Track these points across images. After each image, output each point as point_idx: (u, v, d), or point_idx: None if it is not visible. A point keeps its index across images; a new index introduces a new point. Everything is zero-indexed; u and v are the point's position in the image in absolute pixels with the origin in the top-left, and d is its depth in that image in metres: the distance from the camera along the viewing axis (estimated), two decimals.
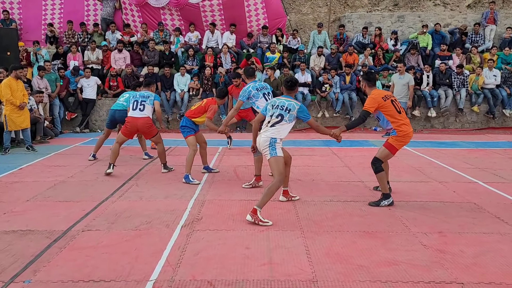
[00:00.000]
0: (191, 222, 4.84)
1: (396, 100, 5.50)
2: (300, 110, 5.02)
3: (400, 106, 5.50)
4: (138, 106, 6.99)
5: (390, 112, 5.39)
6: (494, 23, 14.36)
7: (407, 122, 5.45)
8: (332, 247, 4.21)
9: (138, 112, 6.96)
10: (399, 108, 5.44)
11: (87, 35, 13.76)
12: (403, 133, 5.39)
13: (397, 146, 5.47)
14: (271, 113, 5.04)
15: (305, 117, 5.06)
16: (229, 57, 13.18)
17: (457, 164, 7.89)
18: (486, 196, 5.94)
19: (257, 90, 6.36)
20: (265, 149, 4.95)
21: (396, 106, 5.41)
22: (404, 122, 5.41)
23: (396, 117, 5.40)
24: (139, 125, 6.99)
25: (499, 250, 4.14)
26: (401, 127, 5.39)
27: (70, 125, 12.19)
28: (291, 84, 5.20)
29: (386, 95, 5.46)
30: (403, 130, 5.38)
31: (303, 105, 5.12)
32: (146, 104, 7.02)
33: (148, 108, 7.02)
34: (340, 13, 15.83)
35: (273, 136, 4.93)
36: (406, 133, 5.39)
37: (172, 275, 3.60)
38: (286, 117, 4.96)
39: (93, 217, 5.01)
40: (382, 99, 5.37)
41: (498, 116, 12.74)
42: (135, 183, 6.54)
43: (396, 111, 5.40)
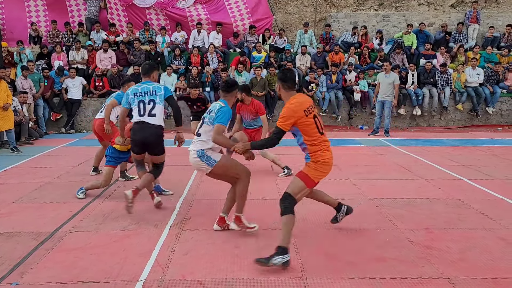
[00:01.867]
0: (179, 222, 4.83)
1: (319, 116, 4.13)
2: (218, 111, 4.29)
3: (323, 125, 4.10)
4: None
5: (308, 131, 3.93)
6: (477, 23, 14.61)
7: (327, 146, 4.03)
8: (320, 244, 4.25)
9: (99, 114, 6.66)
10: (321, 128, 4.03)
11: (71, 35, 13.61)
12: (322, 158, 3.95)
13: (315, 177, 4.01)
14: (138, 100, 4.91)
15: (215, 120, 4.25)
16: (216, 56, 13.17)
17: (442, 161, 8.01)
18: (470, 192, 6.05)
19: (134, 95, 5.10)
20: (198, 165, 4.36)
21: (319, 124, 3.99)
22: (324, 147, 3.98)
23: (315, 137, 3.95)
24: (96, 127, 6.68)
25: (484, 245, 4.22)
26: (318, 153, 3.95)
27: (55, 126, 12.05)
28: (227, 86, 4.52)
29: (309, 106, 3.96)
30: (322, 156, 3.95)
31: (226, 109, 4.33)
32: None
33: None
34: (326, 12, 15.92)
35: (199, 148, 4.34)
36: (325, 159, 3.97)
37: (162, 275, 3.59)
38: (206, 119, 4.37)
39: (80, 218, 4.97)
40: (304, 113, 3.90)
41: (482, 114, 12.96)
42: (123, 184, 6.50)
43: (317, 130, 3.97)
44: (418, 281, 3.53)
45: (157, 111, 5.05)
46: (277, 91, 4.99)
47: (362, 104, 12.83)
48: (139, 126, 5.06)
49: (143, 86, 5.14)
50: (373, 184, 6.45)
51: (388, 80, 10.89)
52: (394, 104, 11.20)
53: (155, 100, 5.05)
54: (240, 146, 4.10)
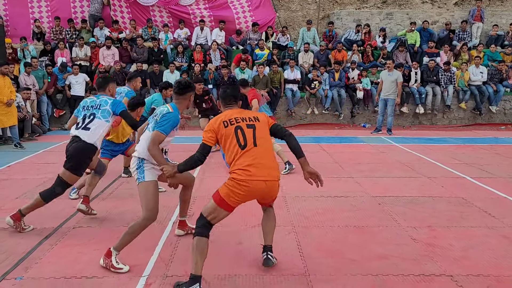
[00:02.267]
0: None
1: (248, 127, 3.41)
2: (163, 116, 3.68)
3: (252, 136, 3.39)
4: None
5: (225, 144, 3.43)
6: (480, 21, 14.56)
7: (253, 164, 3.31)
8: (323, 241, 4.26)
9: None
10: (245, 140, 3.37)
11: (75, 32, 13.63)
12: (236, 176, 3.31)
13: (226, 197, 3.33)
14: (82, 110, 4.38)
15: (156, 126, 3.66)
16: (219, 54, 13.17)
17: (445, 159, 8.00)
18: (473, 190, 6.04)
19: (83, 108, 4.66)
20: (134, 173, 3.84)
21: (240, 137, 3.37)
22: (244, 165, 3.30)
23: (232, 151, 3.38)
24: None
25: (487, 243, 4.22)
26: (233, 169, 3.35)
27: (59, 122, 12.08)
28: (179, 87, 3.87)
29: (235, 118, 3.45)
30: (237, 174, 3.31)
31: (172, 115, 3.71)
32: None
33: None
34: (329, 10, 15.89)
35: (140, 156, 3.77)
36: (240, 179, 3.28)
37: (165, 271, 3.61)
38: (151, 125, 3.78)
39: (83, 214, 4.98)
40: (223, 124, 3.43)
41: (485, 113, 12.93)
42: (126, 180, 6.52)
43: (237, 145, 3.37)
44: (421, 278, 3.53)
45: (93, 126, 4.47)
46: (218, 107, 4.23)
47: (364, 102, 12.82)
48: (70, 140, 4.60)
49: (92, 99, 4.68)
50: (375, 182, 6.45)
51: (391, 78, 10.88)
52: (397, 102, 11.19)
53: (95, 114, 4.52)
54: (169, 170, 3.51)
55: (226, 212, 3.41)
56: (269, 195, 3.50)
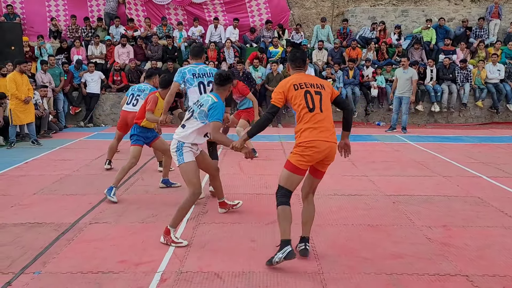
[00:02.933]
0: (197, 215, 4.88)
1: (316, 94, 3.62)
2: (211, 107, 4.00)
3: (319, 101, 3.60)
4: (132, 101, 6.66)
5: (295, 106, 3.63)
6: (498, 18, 14.32)
7: (317, 127, 3.56)
8: (337, 240, 4.25)
9: (131, 106, 6.61)
10: (313, 104, 3.58)
11: (90, 30, 13.78)
12: (302, 140, 3.55)
13: (298, 162, 3.58)
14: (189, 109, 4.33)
15: (210, 117, 3.99)
16: (232, 51, 13.19)
17: (461, 158, 7.91)
18: (490, 190, 5.96)
19: (193, 76, 5.13)
20: (173, 155, 4.18)
21: (309, 100, 3.58)
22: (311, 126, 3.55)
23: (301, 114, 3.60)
24: (129, 120, 6.52)
25: (503, 243, 4.17)
26: (299, 133, 3.59)
27: (74, 120, 12.24)
28: (220, 79, 4.17)
29: (305, 82, 3.65)
30: (304, 136, 3.55)
31: (218, 104, 4.04)
32: (140, 99, 6.57)
33: (141, 103, 6.27)
34: (343, 7, 15.78)
35: (180, 139, 4.13)
36: (306, 140, 3.53)
37: (180, 267, 3.64)
38: (196, 113, 4.11)
39: (100, 210, 5.06)
40: (293, 87, 3.63)
41: (502, 111, 12.73)
42: (141, 177, 6.58)
43: (306, 107, 3.57)
44: (436, 278, 3.51)
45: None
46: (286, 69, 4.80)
47: (379, 100, 12.72)
48: None
49: (199, 67, 5.17)
50: (390, 181, 6.41)
51: (406, 76, 10.77)
52: (412, 100, 11.08)
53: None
54: (238, 143, 3.74)
55: (299, 177, 3.68)
56: (330, 156, 3.68)
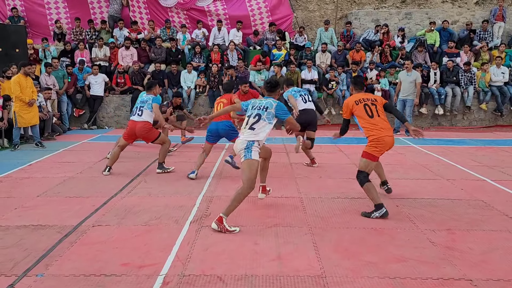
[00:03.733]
0: (199, 218, 4.88)
1: (372, 105, 5.14)
2: (278, 108, 4.71)
3: (375, 110, 5.11)
4: (137, 112, 6.83)
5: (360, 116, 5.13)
6: (502, 20, 14.28)
7: (380, 127, 5.03)
8: (340, 243, 4.23)
9: (137, 116, 6.81)
10: (372, 112, 5.08)
11: (94, 32, 13.83)
12: (374, 137, 5.02)
13: (374, 152, 5.04)
14: (249, 114, 4.78)
15: (283, 115, 4.74)
16: (236, 54, 13.21)
17: (465, 161, 7.88)
18: (494, 193, 5.93)
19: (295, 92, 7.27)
20: (241, 152, 4.67)
21: (368, 110, 5.08)
22: (376, 128, 5.03)
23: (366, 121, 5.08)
24: (136, 130, 6.78)
25: (507, 247, 4.14)
26: (371, 132, 5.03)
27: (78, 122, 12.29)
28: (271, 86, 5.01)
29: (363, 98, 5.22)
30: (373, 135, 5.02)
31: (281, 103, 4.81)
32: (144, 109, 6.80)
33: (146, 113, 6.76)
34: (347, 10, 15.79)
35: (250, 139, 4.62)
36: (377, 137, 5.00)
37: (182, 270, 3.63)
38: (264, 116, 4.66)
39: (103, 212, 5.06)
40: (354, 103, 5.19)
41: (506, 114, 12.69)
42: (144, 179, 6.59)
43: (367, 115, 5.08)
44: (440, 282, 3.48)
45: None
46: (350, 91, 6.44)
47: None
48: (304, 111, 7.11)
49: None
50: (393, 184, 6.34)
51: (409, 79, 10.76)
52: (416, 103, 11.04)
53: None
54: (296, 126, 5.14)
55: (374, 163, 5.16)
56: (392, 144, 5.16)
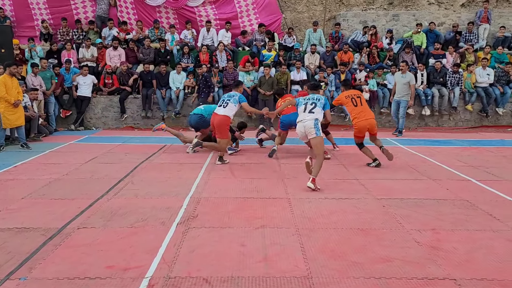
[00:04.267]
0: (186, 220, 4.86)
1: (357, 97, 7.47)
2: (325, 101, 6.66)
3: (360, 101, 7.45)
4: (222, 104, 7.63)
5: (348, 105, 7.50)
6: (487, 22, 14.46)
7: (359, 116, 7.34)
8: (327, 244, 4.25)
9: (222, 109, 7.57)
10: (356, 103, 7.42)
11: (82, 33, 13.70)
12: (354, 123, 7.45)
13: (356, 133, 7.51)
14: (304, 102, 6.55)
15: (326, 106, 6.65)
16: (225, 55, 13.19)
17: (451, 162, 7.96)
18: (479, 193, 6.00)
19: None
20: (311, 130, 6.25)
21: (354, 102, 7.43)
22: (357, 115, 7.36)
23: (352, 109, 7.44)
24: (215, 121, 7.58)
25: (491, 247, 4.20)
26: (354, 120, 7.43)
27: (65, 123, 12.15)
28: (314, 86, 7.05)
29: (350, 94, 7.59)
30: (354, 122, 7.44)
31: (326, 98, 6.76)
32: (230, 102, 7.59)
33: (230, 106, 7.57)
34: (335, 11, 15.86)
35: (316, 117, 6.32)
36: (355, 123, 7.42)
37: (168, 272, 3.62)
38: (318, 104, 6.48)
39: (88, 214, 5.02)
40: (345, 97, 7.56)
41: (491, 115, 12.84)
42: (131, 181, 6.54)
43: (353, 105, 7.41)
44: (424, 282, 3.52)
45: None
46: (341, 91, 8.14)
47: (371, 103, 12.75)
48: None
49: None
50: (380, 184, 6.43)
51: (403, 80, 10.86)
52: (410, 105, 11.15)
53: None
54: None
55: (360, 139, 7.58)
56: (372, 127, 7.49)
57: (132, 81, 12.40)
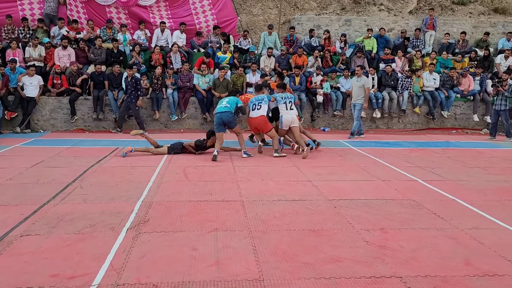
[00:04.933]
0: (137, 225, 4.75)
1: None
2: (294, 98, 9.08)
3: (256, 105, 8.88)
4: (256, 107, 8.84)
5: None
6: (433, 29, 15.15)
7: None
8: (279, 245, 4.28)
9: (256, 111, 8.83)
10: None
11: (28, 31, 13.10)
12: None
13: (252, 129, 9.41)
14: (283, 102, 8.90)
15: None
16: (179, 56, 13.03)
17: (399, 163, 8.26)
18: (424, 193, 6.26)
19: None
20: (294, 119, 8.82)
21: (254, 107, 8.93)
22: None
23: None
24: (256, 123, 8.97)
25: (435, 245, 4.38)
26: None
27: (10, 125, 11.57)
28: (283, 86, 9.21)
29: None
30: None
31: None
32: (262, 104, 8.86)
33: (263, 107, 8.85)
34: (290, 15, 16.08)
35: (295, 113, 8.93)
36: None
37: (116, 279, 3.51)
38: (293, 102, 8.93)
39: (32, 221, 4.79)
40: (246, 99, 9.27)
41: (437, 117, 13.45)
42: (79, 185, 6.32)
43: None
44: (372, 280, 3.62)
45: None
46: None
47: (324, 106, 13.04)
48: None
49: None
50: (332, 185, 6.56)
51: (358, 84, 11.19)
52: (365, 107, 11.47)
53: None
54: None
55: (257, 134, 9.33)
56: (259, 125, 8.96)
57: (82, 82, 11.98)
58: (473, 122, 13.54)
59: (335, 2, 16.63)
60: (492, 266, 3.92)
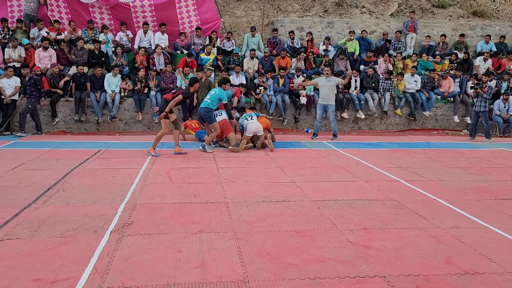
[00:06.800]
0: (121, 227, 4.70)
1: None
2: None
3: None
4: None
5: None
6: (414, 31, 15.41)
7: None
8: (263, 247, 4.29)
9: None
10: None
11: (8, 32, 12.86)
12: None
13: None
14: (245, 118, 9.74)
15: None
16: (163, 58, 12.96)
17: (382, 163, 8.36)
18: (407, 193, 6.35)
19: None
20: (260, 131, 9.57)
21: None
22: None
23: None
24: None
25: (417, 244, 4.45)
26: None
27: None
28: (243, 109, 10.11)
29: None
30: None
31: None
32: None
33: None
34: (273, 17, 16.14)
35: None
36: None
37: (100, 283, 3.48)
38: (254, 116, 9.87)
39: (13, 225, 4.70)
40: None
41: (418, 118, 13.67)
42: (61, 188, 6.23)
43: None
44: (356, 280, 3.66)
45: None
46: None
47: (307, 107, 13.12)
48: None
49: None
50: (316, 186, 6.61)
51: (329, 84, 11.06)
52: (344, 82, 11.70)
53: None
54: None
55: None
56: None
57: (64, 83, 11.82)
58: (454, 123, 13.81)
59: (318, 5, 16.76)
60: (473, 264, 4.01)
